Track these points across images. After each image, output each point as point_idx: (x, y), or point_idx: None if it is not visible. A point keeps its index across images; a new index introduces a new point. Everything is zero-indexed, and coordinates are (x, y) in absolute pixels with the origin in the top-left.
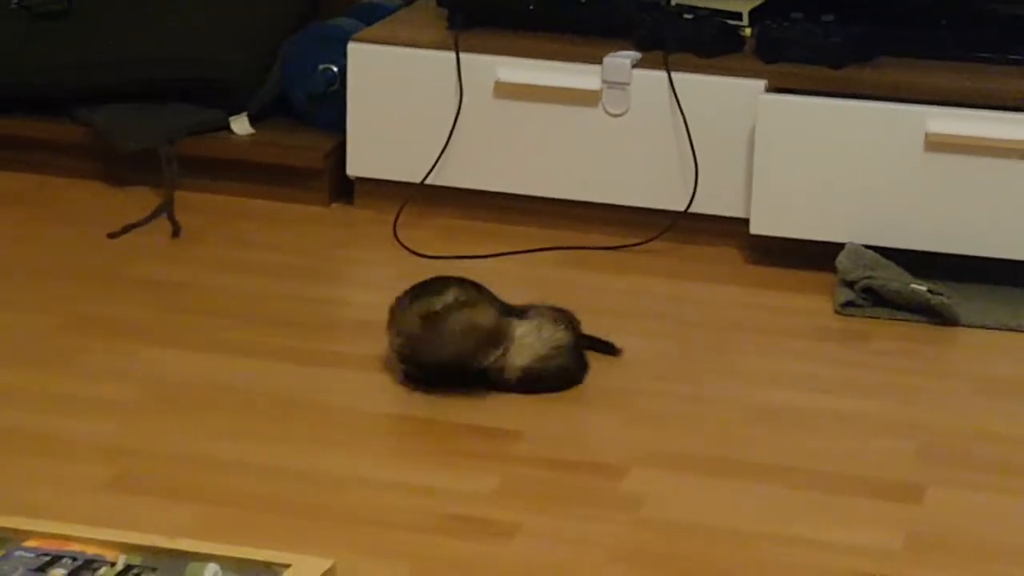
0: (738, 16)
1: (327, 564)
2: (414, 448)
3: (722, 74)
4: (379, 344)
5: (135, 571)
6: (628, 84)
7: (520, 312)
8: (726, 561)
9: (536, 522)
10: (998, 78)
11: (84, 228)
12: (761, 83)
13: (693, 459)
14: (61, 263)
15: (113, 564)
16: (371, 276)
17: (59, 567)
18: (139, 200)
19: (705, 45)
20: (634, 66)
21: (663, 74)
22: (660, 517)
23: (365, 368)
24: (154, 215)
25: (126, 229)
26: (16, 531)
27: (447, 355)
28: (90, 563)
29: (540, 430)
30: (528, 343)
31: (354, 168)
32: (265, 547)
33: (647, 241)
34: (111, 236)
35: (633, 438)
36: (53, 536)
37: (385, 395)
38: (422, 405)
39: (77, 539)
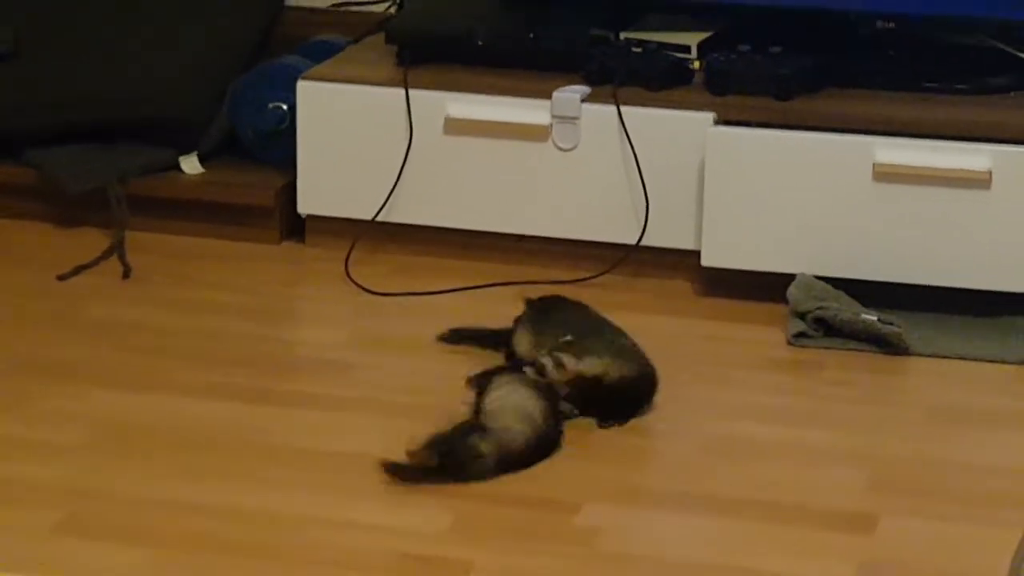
0: (686, 49)
1: None
2: (368, 487)
3: (671, 107)
4: (333, 382)
5: None
6: (578, 118)
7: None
8: None
9: (490, 559)
10: (945, 108)
11: (33, 270)
12: (710, 116)
13: (646, 492)
14: (10, 306)
15: None
16: (324, 314)
17: None
18: (89, 241)
19: (654, 79)
20: (583, 100)
21: (612, 108)
22: (614, 551)
23: (319, 407)
24: (104, 256)
25: (76, 271)
26: None
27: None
28: None
29: None
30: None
31: (305, 206)
32: None
33: (599, 275)
34: (61, 278)
35: (586, 472)
36: None
37: (339, 434)
38: (376, 444)
39: None
